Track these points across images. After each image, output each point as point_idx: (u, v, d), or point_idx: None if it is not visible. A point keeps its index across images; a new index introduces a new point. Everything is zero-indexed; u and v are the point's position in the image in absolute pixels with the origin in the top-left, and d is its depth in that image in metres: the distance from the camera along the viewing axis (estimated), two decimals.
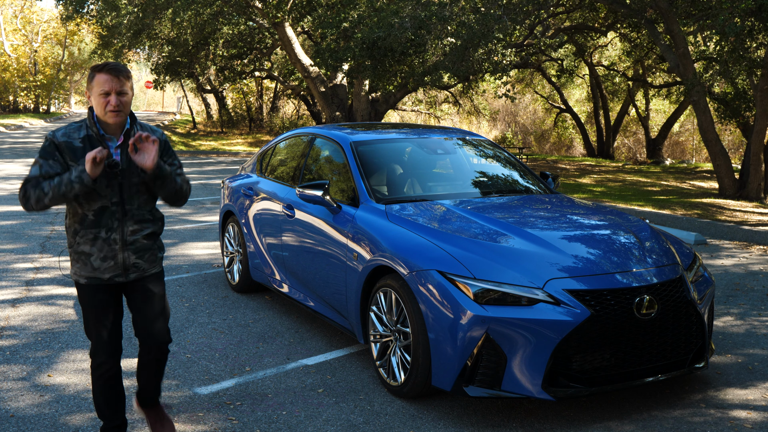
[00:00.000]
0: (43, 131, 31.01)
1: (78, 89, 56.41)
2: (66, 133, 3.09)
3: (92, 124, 3.10)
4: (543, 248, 3.90)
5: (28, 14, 46.05)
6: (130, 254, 3.17)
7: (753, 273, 7.19)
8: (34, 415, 3.75)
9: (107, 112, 3.03)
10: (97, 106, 3.04)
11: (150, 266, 3.27)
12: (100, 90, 3.02)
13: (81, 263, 3.15)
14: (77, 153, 3.06)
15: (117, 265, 3.16)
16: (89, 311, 3.21)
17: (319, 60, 17.42)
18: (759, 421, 3.77)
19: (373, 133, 5.67)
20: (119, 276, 3.18)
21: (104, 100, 3.02)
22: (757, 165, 12.75)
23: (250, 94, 35.63)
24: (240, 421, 3.74)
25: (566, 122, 32.48)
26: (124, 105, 3.05)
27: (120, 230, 3.13)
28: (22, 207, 3.09)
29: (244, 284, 6.17)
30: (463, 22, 13.78)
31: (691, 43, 18.12)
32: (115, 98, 3.03)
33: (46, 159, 3.06)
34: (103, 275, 3.15)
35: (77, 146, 3.06)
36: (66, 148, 3.05)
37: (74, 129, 3.12)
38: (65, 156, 3.05)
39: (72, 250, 3.18)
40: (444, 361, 3.70)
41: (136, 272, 3.21)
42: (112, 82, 3.02)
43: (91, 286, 3.18)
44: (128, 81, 3.08)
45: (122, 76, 3.05)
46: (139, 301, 3.26)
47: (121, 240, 3.14)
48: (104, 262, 3.13)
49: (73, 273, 3.20)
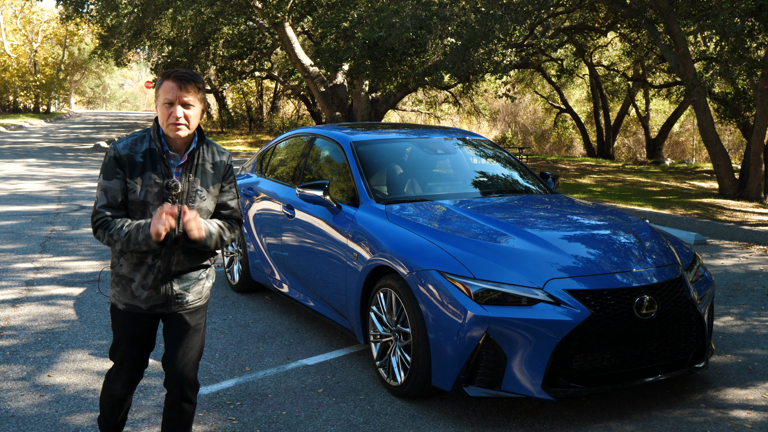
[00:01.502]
0: (43, 131, 31.02)
1: (78, 89, 56.41)
2: (128, 145, 2.80)
3: (156, 137, 2.82)
4: (543, 248, 3.90)
5: (28, 14, 46.07)
6: (174, 285, 2.89)
7: (753, 273, 7.19)
8: (34, 415, 3.75)
9: (168, 125, 2.74)
10: (160, 117, 2.77)
11: (195, 299, 2.97)
12: (164, 99, 2.73)
13: (121, 287, 2.89)
14: (137, 169, 2.77)
15: (158, 296, 2.88)
16: (121, 339, 2.96)
17: (319, 60, 17.43)
18: (759, 421, 3.77)
19: (373, 133, 5.67)
20: (160, 307, 2.91)
21: (167, 111, 2.73)
22: (757, 165, 12.75)
23: (250, 94, 35.65)
24: (240, 421, 3.74)
25: (566, 122, 32.47)
26: (188, 119, 2.75)
27: (167, 258, 2.84)
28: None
29: (244, 284, 6.17)
30: (464, 22, 13.79)
31: (691, 43, 18.12)
32: (179, 110, 2.72)
33: (109, 180, 2.78)
34: (143, 304, 2.89)
35: (138, 161, 2.77)
36: (127, 163, 2.77)
37: (136, 140, 2.82)
38: (125, 171, 2.78)
39: (114, 271, 2.92)
40: (444, 361, 3.70)
41: (179, 305, 2.93)
42: (177, 91, 2.72)
43: (128, 314, 2.93)
44: (198, 92, 2.77)
45: (190, 85, 2.74)
46: (174, 331, 2.97)
47: (166, 269, 2.85)
48: (146, 290, 2.86)
49: (112, 296, 2.96)
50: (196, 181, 2.85)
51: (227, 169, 2.98)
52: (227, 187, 2.99)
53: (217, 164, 2.94)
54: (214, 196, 2.92)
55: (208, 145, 2.94)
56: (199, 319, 3.01)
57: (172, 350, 2.97)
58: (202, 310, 3.03)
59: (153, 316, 2.95)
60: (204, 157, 2.90)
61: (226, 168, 2.97)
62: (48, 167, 16.38)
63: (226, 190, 2.99)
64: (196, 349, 3.01)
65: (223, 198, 2.98)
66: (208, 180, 2.89)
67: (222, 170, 2.95)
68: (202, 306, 3.02)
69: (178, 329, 2.96)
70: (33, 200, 11.19)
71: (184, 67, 25.64)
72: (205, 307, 3.04)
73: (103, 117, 49.33)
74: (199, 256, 2.93)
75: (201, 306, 3.01)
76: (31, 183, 13.35)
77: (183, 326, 2.96)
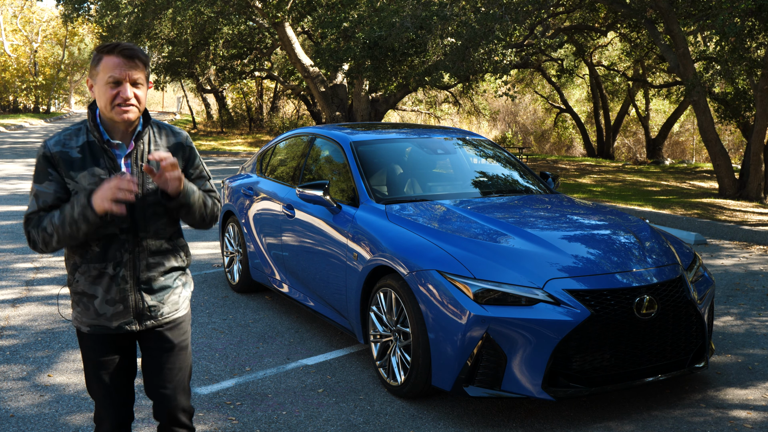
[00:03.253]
0: (43, 131, 31.03)
1: (78, 89, 56.43)
2: (60, 141, 2.37)
3: (93, 126, 2.37)
4: (543, 248, 3.90)
5: (28, 14, 46.08)
6: (145, 295, 2.45)
7: (753, 273, 7.19)
8: (34, 415, 3.75)
9: (115, 107, 2.31)
10: (101, 99, 2.32)
11: (171, 310, 2.53)
12: (108, 77, 2.29)
13: (82, 306, 2.44)
14: (74, 166, 2.34)
15: (128, 310, 2.44)
16: (92, 367, 2.50)
17: (319, 60, 17.43)
18: (759, 421, 3.77)
19: (373, 133, 5.67)
20: (131, 323, 2.46)
21: (112, 91, 2.30)
22: (757, 165, 12.75)
23: (250, 94, 35.65)
24: (240, 421, 3.74)
25: (566, 122, 32.48)
26: (138, 100, 2.34)
27: (131, 265, 2.41)
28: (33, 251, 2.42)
29: (244, 284, 6.17)
30: (464, 22, 13.79)
31: (691, 43, 18.12)
32: (128, 89, 2.30)
33: (40, 183, 2.36)
34: (110, 323, 2.44)
35: (74, 157, 2.35)
36: (61, 160, 2.34)
37: (70, 134, 2.39)
38: (60, 171, 2.34)
39: (71, 289, 2.46)
40: (444, 361, 3.70)
41: (153, 318, 2.49)
42: (124, 67, 2.29)
43: (96, 336, 2.47)
44: (145, 68, 2.36)
45: (138, 60, 2.32)
46: (153, 353, 2.53)
47: (133, 277, 2.43)
48: (111, 306, 2.42)
49: (74, 318, 2.49)
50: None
51: (189, 152, 2.53)
52: (196, 173, 2.55)
53: (174, 148, 2.48)
54: None
55: (160, 128, 2.48)
56: (183, 335, 2.57)
57: (155, 376, 2.54)
58: (185, 324, 2.59)
59: (125, 336, 2.50)
60: (156, 141, 2.45)
61: (186, 150, 2.52)
62: None
63: (196, 176, 2.55)
64: (184, 370, 2.58)
65: (196, 185, 2.54)
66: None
67: (182, 153, 2.50)
68: (182, 319, 2.57)
69: (159, 349, 2.52)
70: None
71: (185, 67, 25.74)
72: (187, 322, 2.61)
73: None
74: (170, 255, 2.51)
75: (181, 319, 2.57)
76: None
77: (164, 345, 2.53)
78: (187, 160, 2.52)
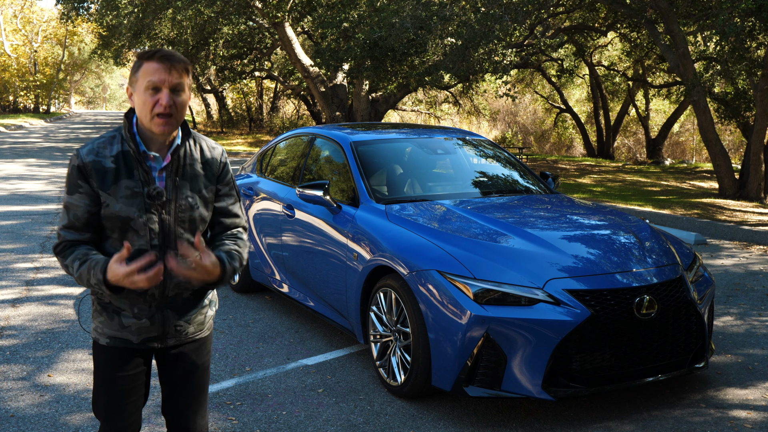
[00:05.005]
0: (43, 131, 31.03)
1: (78, 89, 56.43)
2: (93, 150, 2.25)
3: (129, 136, 2.26)
4: (543, 248, 3.90)
5: (28, 14, 46.10)
6: (171, 314, 2.35)
7: (753, 273, 7.19)
8: (34, 415, 3.75)
9: (154, 117, 2.19)
10: (141, 107, 2.21)
11: (196, 330, 2.44)
12: (147, 82, 2.18)
13: (106, 317, 2.34)
14: (107, 178, 2.22)
15: (153, 327, 2.34)
16: (104, 382, 2.36)
17: (319, 60, 17.44)
18: (759, 421, 3.77)
19: (373, 133, 5.67)
20: (154, 340, 2.36)
21: (152, 98, 2.18)
22: (757, 165, 12.75)
23: (250, 94, 35.67)
24: (240, 421, 3.74)
25: (566, 122, 32.48)
26: (178, 108, 2.22)
27: (160, 282, 2.27)
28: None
29: (244, 284, 6.17)
30: (464, 22, 13.79)
31: (691, 43, 18.12)
32: (167, 95, 2.18)
33: (71, 194, 2.25)
34: (135, 337, 2.34)
35: (108, 167, 2.22)
36: (93, 171, 2.22)
37: (104, 143, 2.27)
38: (92, 182, 2.23)
39: (95, 298, 2.37)
40: (444, 361, 3.70)
41: (177, 337, 2.40)
42: (163, 72, 2.18)
43: (115, 350, 2.34)
44: (187, 75, 2.24)
45: (180, 65, 2.21)
46: (174, 372, 2.44)
47: (161, 295, 2.32)
48: (137, 320, 2.33)
49: (94, 329, 2.39)
50: (184, 186, 2.30)
51: (222, 168, 2.41)
52: (225, 190, 2.43)
53: (209, 162, 2.38)
54: (209, 202, 2.38)
55: (196, 141, 2.37)
56: (206, 355, 2.49)
57: (174, 395, 2.44)
58: (208, 344, 2.51)
59: (145, 353, 2.40)
60: (192, 155, 2.34)
61: (220, 166, 2.40)
62: (48, 167, 16.37)
63: (225, 193, 2.43)
64: (205, 390, 2.50)
65: (222, 203, 2.43)
66: (200, 183, 2.34)
67: (216, 169, 2.39)
68: (206, 339, 2.50)
69: (181, 369, 2.43)
70: (33, 200, 11.19)
71: None
72: (210, 341, 2.53)
73: (103, 117, 49.35)
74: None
75: (205, 339, 2.49)
76: (31, 183, 13.34)
77: (186, 365, 2.43)
78: (218, 178, 2.41)
